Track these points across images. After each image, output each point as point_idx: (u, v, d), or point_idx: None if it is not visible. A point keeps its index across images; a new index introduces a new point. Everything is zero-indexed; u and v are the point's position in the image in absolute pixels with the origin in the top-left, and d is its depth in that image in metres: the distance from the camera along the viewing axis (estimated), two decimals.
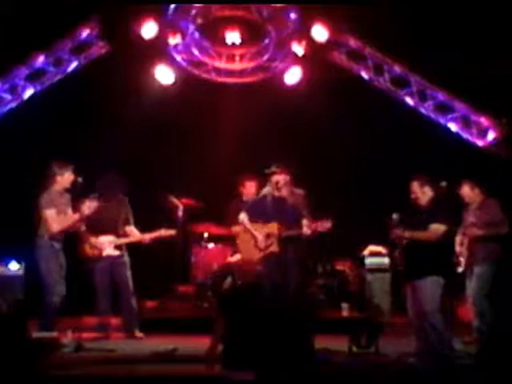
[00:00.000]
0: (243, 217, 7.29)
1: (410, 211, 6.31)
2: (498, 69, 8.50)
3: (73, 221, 6.88)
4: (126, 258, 7.50)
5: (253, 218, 7.25)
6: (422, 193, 6.24)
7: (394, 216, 6.18)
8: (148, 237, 7.48)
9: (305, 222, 7.15)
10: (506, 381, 5.30)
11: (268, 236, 7.10)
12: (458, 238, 7.17)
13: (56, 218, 6.78)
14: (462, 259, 7.10)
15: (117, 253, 7.38)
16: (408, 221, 6.18)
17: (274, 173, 7.21)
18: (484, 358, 6.00)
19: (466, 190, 7.23)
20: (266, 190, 7.37)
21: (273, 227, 7.10)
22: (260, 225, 7.22)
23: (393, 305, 8.40)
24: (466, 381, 5.44)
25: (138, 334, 7.36)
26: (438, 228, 6.03)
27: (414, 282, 6.03)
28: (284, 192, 7.23)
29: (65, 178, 6.91)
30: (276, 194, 7.22)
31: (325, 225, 7.06)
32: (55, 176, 6.89)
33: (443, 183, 6.98)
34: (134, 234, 7.55)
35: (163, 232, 7.50)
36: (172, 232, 7.59)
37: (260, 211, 7.21)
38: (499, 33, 8.58)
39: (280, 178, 7.17)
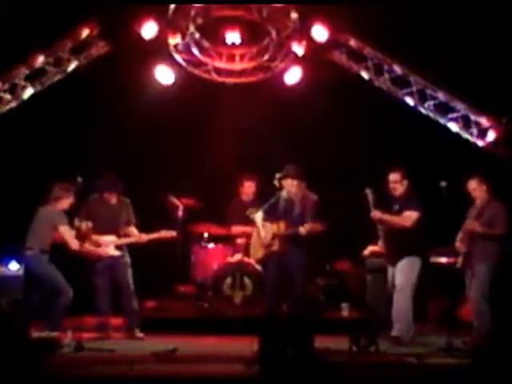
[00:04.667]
0: (258, 216, 7.42)
1: (386, 201, 7.25)
2: (498, 68, 8.50)
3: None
4: (127, 259, 7.51)
5: (267, 218, 7.40)
6: (401, 184, 7.26)
7: (368, 191, 7.25)
8: (146, 238, 7.48)
9: (306, 226, 7.17)
10: (506, 381, 5.30)
11: (275, 236, 7.23)
12: (458, 235, 7.17)
13: (73, 235, 7.00)
14: (460, 256, 7.11)
15: (117, 253, 7.39)
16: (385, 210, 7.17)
17: (293, 177, 7.31)
18: (484, 357, 6.00)
19: (474, 184, 7.17)
20: (284, 193, 7.44)
21: (279, 227, 7.22)
22: (270, 224, 7.36)
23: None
24: (466, 381, 5.44)
25: (139, 334, 7.36)
26: (410, 216, 7.07)
27: (397, 264, 7.06)
28: (298, 195, 7.32)
29: (69, 200, 7.13)
30: (290, 196, 7.34)
31: (317, 227, 7.11)
32: (60, 198, 7.09)
33: (443, 183, 7.00)
34: (133, 234, 7.56)
35: (163, 233, 7.50)
36: (173, 233, 7.59)
37: (273, 212, 7.34)
38: (500, 32, 8.57)
39: (295, 182, 7.28)
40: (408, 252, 7.05)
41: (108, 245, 7.35)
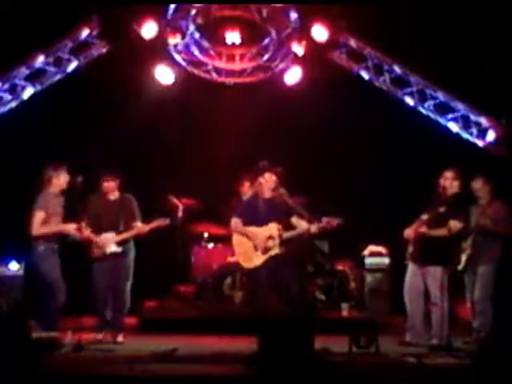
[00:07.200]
0: (235, 222, 7.01)
1: (430, 203, 6.85)
2: (498, 68, 8.50)
3: (60, 230, 6.93)
4: (131, 256, 7.31)
5: (247, 222, 6.97)
6: (452, 185, 6.83)
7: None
8: (147, 227, 7.30)
9: (294, 219, 6.94)
10: (506, 381, 5.30)
11: (269, 238, 6.87)
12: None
13: (41, 220, 6.83)
14: (463, 257, 7.10)
15: (120, 249, 7.21)
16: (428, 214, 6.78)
17: (273, 172, 7.06)
18: (484, 357, 6.00)
19: (479, 185, 7.19)
20: (253, 191, 7.23)
21: (272, 229, 6.89)
22: (256, 228, 6.93)
23: (392, 305, 8.40)
24: (466, 381, 5.44)
25: (120, 338, 7.17)
26: (455, 225, 6.63)
27: (428, 268, 6.76)
28: (275, 192, 7.07)
29: (61, 179, 7.00)
30: (268, 194, 7.02)
31: (333, 222, 6.84)
32: (51, 179, 6.97)
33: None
34: (135, 227, 7.35)
35: (160, 222, 7.36)
36: (167, 221, 7.42)
37: (253, 214, 6.96)
38: (499, 32, 8.57)
39: (274, 178, 7.02)
40: (441, 260, 6.74)
41: (107, 243, 7.23)
